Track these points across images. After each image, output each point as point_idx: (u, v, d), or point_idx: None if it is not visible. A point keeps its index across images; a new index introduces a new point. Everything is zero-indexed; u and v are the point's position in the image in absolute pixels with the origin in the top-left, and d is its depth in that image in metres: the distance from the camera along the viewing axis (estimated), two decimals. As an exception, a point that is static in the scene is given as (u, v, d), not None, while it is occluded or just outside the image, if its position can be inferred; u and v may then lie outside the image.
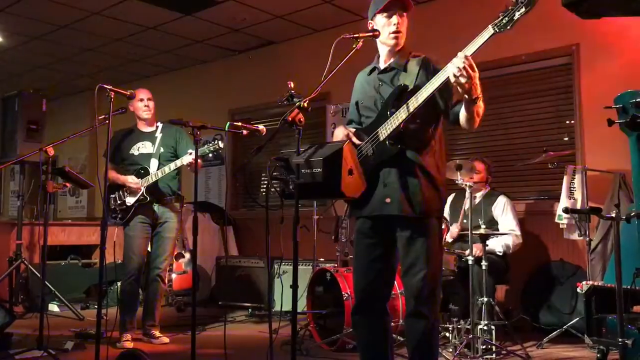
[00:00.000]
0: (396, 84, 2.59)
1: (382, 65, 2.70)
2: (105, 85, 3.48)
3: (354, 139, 2.60)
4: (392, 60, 2.66)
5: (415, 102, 2.41)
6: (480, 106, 2.38)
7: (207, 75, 8.13)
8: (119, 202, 4.45)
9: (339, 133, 2.66)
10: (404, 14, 2.60)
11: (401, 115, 2.46)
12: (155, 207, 4.45)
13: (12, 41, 7.21)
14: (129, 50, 7.52)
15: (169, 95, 8.20)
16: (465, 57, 2.20)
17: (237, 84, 7.69)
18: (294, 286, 2.39)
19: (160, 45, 7.37)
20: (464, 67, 2.18)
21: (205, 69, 8.15)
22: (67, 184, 4.83)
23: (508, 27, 2.12)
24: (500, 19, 2.14)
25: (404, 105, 2.45)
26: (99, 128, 3.68)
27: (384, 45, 2.67)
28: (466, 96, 2.29)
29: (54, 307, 5.85)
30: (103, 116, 3.61)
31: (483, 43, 2.20)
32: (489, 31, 2.18)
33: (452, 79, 2.24)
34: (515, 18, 2.10)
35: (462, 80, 2.21)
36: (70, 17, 6.38)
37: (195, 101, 8.09)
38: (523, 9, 2.08)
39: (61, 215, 9.85)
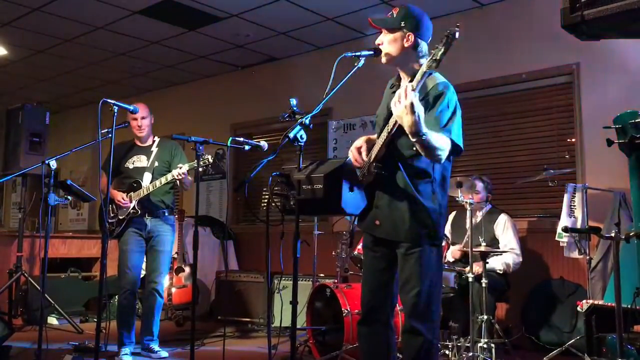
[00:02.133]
0: None
1: (401, 83, 2.69)
2: (109, 100, 3.51)
3: (364, 155, 2.59)
4: (407, 80, 2.64)
5: (387, 129, 2.44)
6: (433, 146, 2.31)
7: (209, 90, 8.18)
8: (111, 215, 4.46)
9: (354, 145, 2.65)
10: (388, 32, 2.58)
11: (381, 139, 2.48)
12: (148, 220, 4.44)
13: (17, 54, 7.27)
14: (133, 64, 7.58)
15: (172, 110, 8.26)
16: (405, 89, 2.22)
17: (240, 99, 7.74)
18: (294, 302, 2.39)
19: (163, 59, 7.43)
20: (398, 94, 2.22)
21: (208, 84, 8.20)
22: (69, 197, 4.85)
23: (435, 65, 2.21)
24: (431, 56, 2.21)
25: (384, 130, 2.47)
26: (101, 141, 3.71)
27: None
28: (406, 129, 2.26)
29: (53, 320, 5.84)
30: (106, 130, 3.64)
31: (421, 80, 2.27)
32: (422, 70, 2.26)
33: (393, 112, 2.27)
34: (438, 58, 2.19)
35: (397, 109, 2.23)
36: (74, 31, 6.44)
37: (197, 116, 8.13)
38: (442, 49, 2.18)
39: (62, 227, 9.86)
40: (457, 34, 2.15)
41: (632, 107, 3.58)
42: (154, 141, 4.63)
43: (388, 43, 2.58)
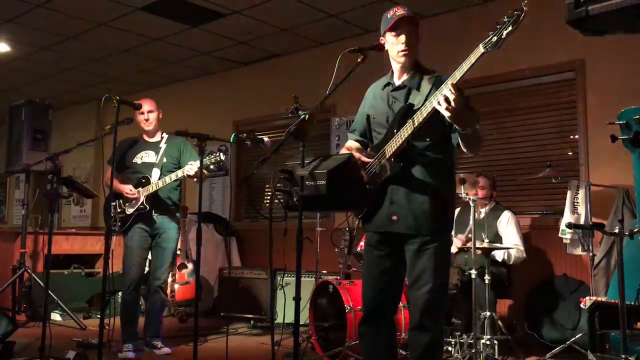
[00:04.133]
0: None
1: (396, 81, 2.70)
2: (111, 96, 3.51)
3: (363, 158, 2.63)
4: (405, 77, 2.66)
5: (411, 124, 2.44)
6: (478, 136, 2.40)
7: (212, 87, 8.18)
8: (118, 210, 4.45)
9: (350, 149, 2.69)
10: (413, 30, 2.61)
11: (403, 134, 2.49)
12: (155, 217, 4.44)
13: (20, 51, 7.27)
14: (136, 61, 7.58)
15: (175, 106, 8.24)
16: (452, 85, 2.23)
17: (243, 96, 7.73)
18: (297, 298, 2.39)
19: (166, 56, 7.42)
20: (447, 101, 2.23)
21: (211, 80, 8.20)
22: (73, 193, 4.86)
23: (497, 47, 2.17)
24: (489, 38, 2.19)
25: (406, 125, 2.48)
26: (105, 138, 3.71)
27: (395, 62, 2.68)
28: (456, 126, 2.32)
29: (56, 316, 5.85)
30: (109, 126, 3.64)
31: (474, 63, 2.24)
32: (479, 50, 2.22)
33: (440, 109, 2.28)
34: (503, 36, 2.15)
35: (447, 113, 2.25)
36: (77, 27, 6.44)
37: (200, 112, 8.13)
38: (510, 27, 2.14)
39: (65, 224, 9.87)
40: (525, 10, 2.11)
41: (635, 104, 3.58)
42: (162, 137, 4.62)
43: (414, 42, 2.62)
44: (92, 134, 8.75)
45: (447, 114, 2.27)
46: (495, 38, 2.16)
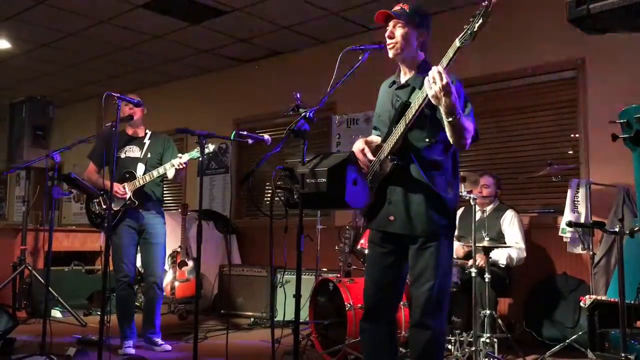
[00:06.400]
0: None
1: (401, 79, 2.69)
2: (112, 93, 3.52)
3: (369, 155, 2.60)
4: (410, 75, 2.64)
5: (404, 120, 2.44)
6: (464, 127, 2.36)
7: (213, 85, 8.18)
8: (104, 206, 4.43)
9: (355, 147, 2.66)
10: (399, 25, 2.57)
11: (398, 131, 2.48)
12: (141, 213, 4.42)
13: (21, 48, 7.27)
14: (136, 58, 7.58)
15: (175, 104, 8.26)
16: (438, 71, 2.25)
17: (243, 94, 7.73)
18: (297, 296, 2.39)
19: (166, 54, 7.42)
20: (432, 76, 2.25)
21: (212, 78, 8.19)
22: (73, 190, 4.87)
23: (470, 40, 2.23)
24: (464, 32, 2.24)
25: (400, 121, 2.47)
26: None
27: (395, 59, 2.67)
28: (442, 109, 2.32)
29: (56, 313, 5.86)
30: (110, 123, 3.64)
31: (452, 57, 2.28)
32: (454, 45, 2.26)
33: (428, 93, 2.29)
34: (475, 29, 2.21)
35: (433, 90, 2.26)
36: (78, 24, 6.44)
37: (201, 110, 8.13)
38: (480, 20, 2.20)
39: (65, 221, 9.88)
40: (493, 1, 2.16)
41: (636, 102, 3.57)
42: (146, 133, 4.62)
43: (402, 36, 2.57)
44: (93, 131, 8.74)
45: (430, 94, 2.28)
46: (468, 32, 2.23)
